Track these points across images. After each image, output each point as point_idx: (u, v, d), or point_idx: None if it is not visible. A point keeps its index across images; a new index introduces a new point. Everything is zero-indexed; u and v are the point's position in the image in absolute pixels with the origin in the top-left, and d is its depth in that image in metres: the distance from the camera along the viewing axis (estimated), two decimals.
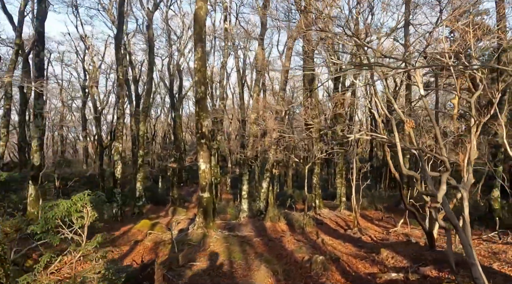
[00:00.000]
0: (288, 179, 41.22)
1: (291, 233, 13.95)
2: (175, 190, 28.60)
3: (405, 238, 12.43)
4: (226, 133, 48.49)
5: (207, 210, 12.88)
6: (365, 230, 15.95)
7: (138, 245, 12.05)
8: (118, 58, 16.62)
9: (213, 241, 11.29)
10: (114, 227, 15.92)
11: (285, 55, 15.63)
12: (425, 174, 6.50)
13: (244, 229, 14.57)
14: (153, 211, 25.38)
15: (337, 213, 21.49)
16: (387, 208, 21.02)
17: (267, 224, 15.37)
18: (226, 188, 44.48)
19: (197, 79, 12.63)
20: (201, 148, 12.72)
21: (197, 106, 12.77)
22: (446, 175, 6.21)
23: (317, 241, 11.87)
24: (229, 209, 21.91)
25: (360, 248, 11.65)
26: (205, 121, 12.67)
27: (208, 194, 12.85)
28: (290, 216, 16.69)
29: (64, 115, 42.48)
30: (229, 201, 35.74)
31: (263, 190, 15.92)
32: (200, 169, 12.82)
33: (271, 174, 15.95)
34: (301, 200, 30.30)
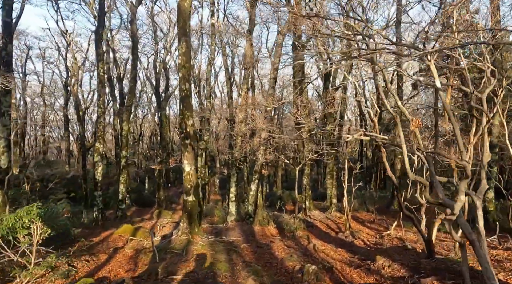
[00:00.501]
0: (278, 179, 40.69)
1: (281, 237, 13.31)
2: (162, 192, 27.69)
3: (400, 243, 11.89)
4: (214, 133, 47.76)
5: (192, 215, 12.14)
6: (357, 233, 15.41)
7: (118, 253, 11.23)
8: (98, 54, 15.73)
9: (198, 249, 10.55)
10: (94, 233, 15.03)
11: (275, 52, 15.00)
12: (434, 180, 5.87)
13: (231, 233, 13.87)
14: (138, 214, 24.47)
15: (327, 215, 20.95)
16: (378, 209, 20.58)
17: (256, 228, 14.70)
18: (215, 188, 43.72)
19: (181, 75, 11.87)
20: (185, 148, 11.97)
21: (181, 104, 12.01)
22: (465, 182, 5.58)
23: (309, 247, 11.24)
24: (217, 211, 21.17)
25: (354, 253, 11.06)
26: (189, 121, 11.93)
27: (193, 198, 12.11)
28: (280, 219, 16.06)
29: (46, 114, 41.11)
30: (217, 202, 34.98)
31: (252, 193, 15.24)
32: (184, 171, 12.07)
33: (260, 175, 15.28)
34: (291, 201, 29.75)
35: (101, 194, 16.10)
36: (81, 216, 17.34)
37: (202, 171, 28.12)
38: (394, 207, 20.50)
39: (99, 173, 16.04)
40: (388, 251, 10.50)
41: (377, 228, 16.77)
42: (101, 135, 16.06)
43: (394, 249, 10.76)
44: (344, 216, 20.31)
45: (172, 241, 11.53)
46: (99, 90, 16.14)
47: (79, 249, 11.31)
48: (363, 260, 9.77)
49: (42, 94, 35.74)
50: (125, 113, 19.33)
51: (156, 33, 28.35)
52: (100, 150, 16.03)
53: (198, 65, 28.38)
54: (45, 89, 36.14)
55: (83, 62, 30.57)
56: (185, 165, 12.01)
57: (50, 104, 40.78)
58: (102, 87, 16.04)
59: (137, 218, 21.59)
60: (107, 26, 23.06)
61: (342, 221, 19.23)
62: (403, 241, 12.10)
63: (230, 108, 26.75)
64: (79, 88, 32.35)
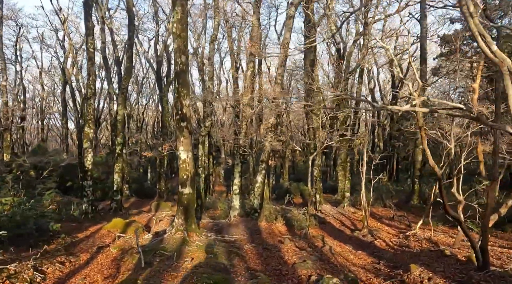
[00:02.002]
0: (285, 171, 38.98)
1: (291, 236, 11.61)
2: (163, 182, 26.21)
3: (432, 246, 10.12)
4: (220, 122, 46.06)
5: (188, 209, 10.48)
6: (376, 231, 13.68)
7: (101, 253, 9.65)
8: (88, 27, 14.02)
9: (193, 250, 8.91)
10: (82, 227, 13.51)
11: (285, 25, 13.15)
12: None
13: (234, 231, 12.22)
14: (137, 205, 23.03)
15: (340, 209, 19.23)
16: (396, 204, 18.77)
17: (262, 225, 13.04)
18: (220, 179, 42.25)
19: (176, 47, 10.10)
20: (181, 132, 10.26)
21: (176, 81, 10.27)
22: None
23: (324, 250, 9.54)
24: (220, 204, 19.57)
25: (378, 258, 9.35)
26: (186, 100, 10.19)
27: (190, 190, 10.44)
28: (289, 214, 14.37)
29: (46, 100, 39.69)
30: (221, 193, 33.49)
31: (258, 184, 13.55)
32: (179, 158, 10.38)
33: (267, 166, 13.58)
34: (299, 194, 28.05)
35: (91, 184, 14.55)
36: (71, 207, 15.85)
37: (205, 161, 26.54)
38: (413, 201, 18.70)
39: (89, 161, 14.47)
40: (421, 257, 8.75)
41: (398, 226, 15.02)
42: (90, 119, 14.43)
43: (427, 254, 9.00)
44: (359, 211, 18.60)
45: (165, 240, 9.90)
46: (88, 68, 14.47)
47: (56, 248, 9.75)
48: (392, 268, 8.05)
49: (41, 79, 34.25)
50: (121, 96, 17.67)
51: (158, 13, 26.53)
52: (89, 135, 14.43)
53: (201, 47, 26.55)
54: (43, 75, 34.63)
55: (82, 45, 28.90)
56: (180, 151, 10.31)
57: (51, 90, 39.39)
58: (92, 65, 14.35)
59: (134, 210, 20.10)
60: (103, 3, 21.32)
61: (357, 217, 17.49)
62: (435, 244, 10.33)
63: (236, 94, 25.00)
64: (79, 72, 30.82)
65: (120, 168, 17.49)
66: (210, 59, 16.47)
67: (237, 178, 13.92)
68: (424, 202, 18.41)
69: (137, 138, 44.50)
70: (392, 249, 10.73)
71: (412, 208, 17.97)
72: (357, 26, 23.59)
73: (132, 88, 43.10)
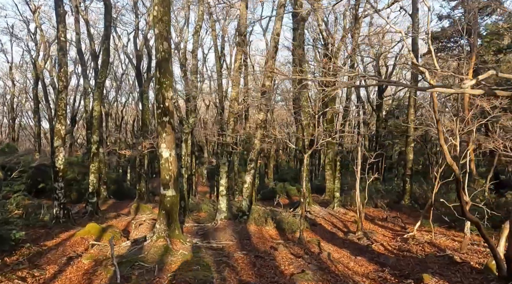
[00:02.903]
0: (269, 171, 38.25)
1: (283, 241, 10.72)
2: (143, 183, 24.88)
3: (437, 251, 9.43)
4: (202, 121, 44.84)
5: (171, 214, 9.43)
6: (371, 234, 12.98)
7: (71, 265, 8.49)
8: (58, 14, 12.72)
9: (177, 261, 7.88)
10: (52, 234, 12.20)
11: (276, 14, 12.27)
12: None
13: (221, 236, 11.23)
14: (116, 208, 21.66)
15: (329, 210, 18.52)
16: (387, 204, 18.17)
17: (252, 228, 12.10)
18: (202, 180, 41.11)
19: (157, 32, 9.04)
20: (163, 128, 9.21)
21: (158, 70, 9.20)
22: None
23: (322, 257, 8.69)
24: (204, 206, 18.48)
25: (380, 265, 8.57)
26: (168, 92, 9.14)
27: (173, 192, 9.40)
28: (279, 217, 13.49)
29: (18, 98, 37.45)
30: (205, 194, 32.35)
31: (247, 185, 12.60)
32: (161, 157, 9.32)
33: (256, 165, 12.66)
34: (284, 194, 27.30)
35: (62, 186, 13.23)
36: (41, 212, 14.47)
37: (188, 160, 25.37)
38: (405, 201, 18.16)
39: (60, 160, 13.16)
40: (429, 263, 8.01)
41: (392, 228, 14.37)
42: (62, 115, 13.12)
43: (434, 260, 8.28)
44: (350, 212, 17.93)
45: (145, 249, 8.83)
46: (59, 59, 13.15)
47: (18, 260, 8.52)
48: (400, 277, 7.27)
49: (11, 74, 32.19)
50: (97, 90, 16.36)
51: (137, 5, 25.17)
52: (61, 132, 13.11)
53: (184, 42, 25.32)
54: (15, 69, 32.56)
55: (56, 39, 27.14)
56: (162, 149, 9.25)
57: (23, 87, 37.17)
58: (64, 56, 13.05)
59: (112, 213, 18.78)
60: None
61: (349, 218, 16.82)
62: (439, 248, 9.65)
63: (220, 91, 24.00)
64: (53, 68, 29.00)
65: (96, 168, 16.18)
66: (194, 52, 15.40)
67: (223, 178, 12.93)
68: (416, 202, 17.92)
69: (116, 137, 42.82)
70: (392, 254, 9.99)
71: (403, 208, 17.42)
72: (345, 22, 23.00)
73: (111, 85, 41.43)
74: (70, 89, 36.02)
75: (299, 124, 17.78)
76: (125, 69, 38.72)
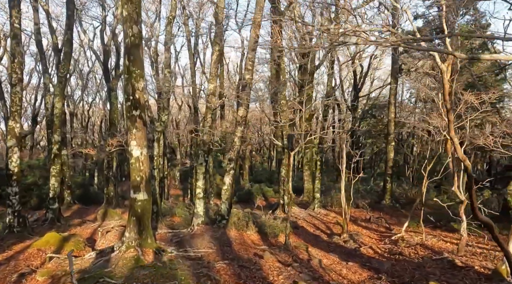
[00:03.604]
0: (245, 172, 37.38)
1: (267, 247, 9.86)
2: (111, 186, 23.28)
3: (430, 253, 8.89)
4: (175, 121, 43.34)
5: (142, 220, 8.34)
6: (356, 236, 12.40)
7: (22, 283, 7.23)
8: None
9: (150, 275, 6.82)
10: (4, 245, 10.73)
11: (256, 3, 11.42)
12: None
13: (199, 243, 10.21)
14: (81, 214, 20.05)
15: (310, 212, 17.88)
16: (368, 205, 17.75)
17: (232, 234, 11.15)
18: (175, 182, 39.68)
19: (126, 14, 7.94)
20: (133, 123, 8.12)
21: (127, 57, 8.11)
22: None
23: (313, 264, 7.90)
24: (178, 210, 17.32)
25: (374, 271, 7.88)
26: (139, 82, 8.07)
27: (145, 195, 8.32)
28: (260, 220, 12.63)
29: None
30: (178, 197, 31.00)
31: (226, 187, 11.64)
32: (131, 156, 8.22)
33: (235, 165, 11.74)
34: (261, 195, 26.55)
35: (17, 191, 11.74)
36: None
37: (160, 162, 24.03)
38: (385, 201, 17.81)
39: (15, 162, 11.67)
40: (428, 268, 7.40)
41: (376, 229, 13.88)
42: (16, 111, 11.64)
43: (433, 264, 7.69)
44: (331, 213, 17.35)
45: (112, 261, 7.69)
46: (12, 48, 11.65)
47: None
48: None
49: None
50: (58, 86, 14.85)
51: None
52: (15, 131, 11.63)
53: (155, 37, 24.04)
54: None
55: None
56: (132, 147, 8.15)
57: None
58: (17, 45, 11.57)
59: (77, 219, 17.25)
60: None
61: (330, 219, 16.22)
62: (433, 251, 9.11)
63: (194, 87, 22.92)
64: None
65: (58, 171, 14.68)
66: (167, 44, 14.26)
67: (200, 180, 11.89)
68: (397, 201, 17.61)
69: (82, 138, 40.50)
70: (383, 258, 9.38)
71: (385, 208, 17.05)
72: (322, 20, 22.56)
73: (76, 84, 39.16)
74: (32, 88, 33.66)
75: (278, 123, 17.03)
76: (92, 66, 36.67)
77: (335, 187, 25.43)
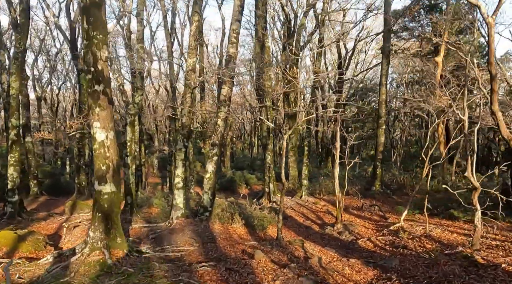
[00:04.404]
0: (226, 159, 36.31)
1: (257, 243, 8.74)
2: (83, 176, 21.66)
3: (438, 246, 7.98)
4: (152, 107, 41.34)
5: (110, 216, 7.01)
6: (351, 226, 11.46)
7: None
8: None
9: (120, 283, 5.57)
10: None
11: None
12: None
13: (179, 239, 8.98)
14: (49, 206, 18.40)
15: (297, 200, 16.92)
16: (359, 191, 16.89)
17: (216, 227, 9.96)
18: (153, 170, 38.20)
19: None
20: (95, 101, 6.69)
21: (85, 20, 6.61)
22: None
23: (312, 264, 6.82)
24: (156, 200, 15.89)
25: (381, 270, 6.88)
26: (102, 50, 6.61)
27: (112, 187, 6.97)
28: (246, 211, 11.49)
29: None
30: (156, 186, 29.57)
31: (208, 175, 10.38)
32: (94, 140, 6.82)
33: (219, 150, 10.47)
34: (244, 183, 25.54)
35: None
36: None
37: (135, 148, 22.44)
38: (375, 187, 17.01)
39: None
40: (444, 266, 6.44)
41: (370, 217, 13.01)
42: None
43: (447, 260, 6.74)
44: (320, 201, 16.41)
45: (72, 266, 6.37)
46: None
47: None
48: None
49: None
50: (14, 63, 13.05)
51: None
52: None
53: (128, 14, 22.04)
54: None
55: None
56: (95, 129, 6.75)
57: None
58: None
59: (43, 212, 15.67)
60: None
61: (319, 208, 15.27)
62: (441, 243, 8.21)
63: (171, 69, 21.33)
64: None
65: (17, 159, 13.00)
66: (140, 15, 12.60)
67: (180, 168, 10.57)
68: (388, 187, 16.85)
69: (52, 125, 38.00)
70: (386, 252, 8.44)
71: (376, 194, 16.24)
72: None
73: (44, 66, 36.51)
74: None
75: (263, 107, 15.81)
76: (60, 47, 34.09)
77: (320, 173, 24.63)
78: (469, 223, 10.37)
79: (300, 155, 29.49)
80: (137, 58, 12.17)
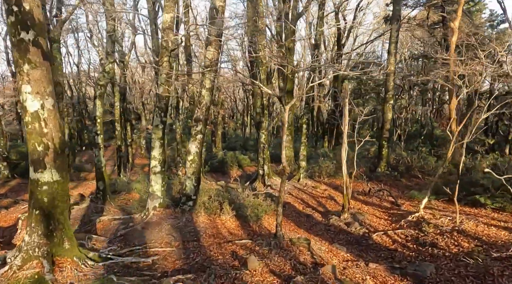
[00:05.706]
0: (217, 139, 34.46)
1: (250, 241, 7.02)
2: None
3: (479, 245, 6.36)
4: (138, 84, 38.98)
5: (53, 214, 5.20)
6: (360, 215, 9.86)
7: None
8: None
9: None
10: None
11: None
12: None
13: (154, 236, 7.24)
14: (20, 191, 16.50)
15: (294, 183, 15.27)
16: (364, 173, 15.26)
17: (200, 220, 8.22)
18: (141, 151, 36.31)
19: None
20: (22, 55, 4.76)
21: None
22: None
23: (324, 273, 5.13)
24: (137, 185, 14.11)
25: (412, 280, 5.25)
26: None
27: (55, 175, 5.13)
28: (238, 198, 9.77)
29: None
30: (143, 167, 27.77)
31: (191, 157, 8.57)
32: (25, 111, 4.93)
33: (204, 127, 8.63)
34: (236, 164, 23.83)
35: None
36: None
37: (118, 129, 20.49)
38: (381, 169, 15.38)
39: None
40: (501, 277, 4.81)
41: (380, 204, 11.38)
42: None
43: (499, 267, 5.11)
44: (320, 185, 14.76)
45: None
46: None
47: None
48: None
49: None
50: None
51: None
52: None
53: None
54: None
55: None
56: (25, 96, 4.85)
57: None
58: None
59: (9, 199, 13.84)
60: None
61: (320, 192, 13.62)
62: (482, 241, 6.58)
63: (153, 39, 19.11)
64: None
65: None
66: None
67: (156, 149, 8.73)
68: (395, 169, 15.22)
69: None
70: (409, 250, 6.81)
71: (382, 177, 14.62)
72: None
73: None
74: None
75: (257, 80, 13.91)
76: None
77: (317, 154, 22.99)
78: (499, 212, 8.82)
79: (296, 133, 27.76)
80: (106, 18, 10.07)
